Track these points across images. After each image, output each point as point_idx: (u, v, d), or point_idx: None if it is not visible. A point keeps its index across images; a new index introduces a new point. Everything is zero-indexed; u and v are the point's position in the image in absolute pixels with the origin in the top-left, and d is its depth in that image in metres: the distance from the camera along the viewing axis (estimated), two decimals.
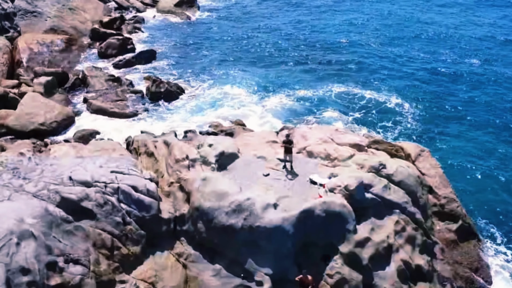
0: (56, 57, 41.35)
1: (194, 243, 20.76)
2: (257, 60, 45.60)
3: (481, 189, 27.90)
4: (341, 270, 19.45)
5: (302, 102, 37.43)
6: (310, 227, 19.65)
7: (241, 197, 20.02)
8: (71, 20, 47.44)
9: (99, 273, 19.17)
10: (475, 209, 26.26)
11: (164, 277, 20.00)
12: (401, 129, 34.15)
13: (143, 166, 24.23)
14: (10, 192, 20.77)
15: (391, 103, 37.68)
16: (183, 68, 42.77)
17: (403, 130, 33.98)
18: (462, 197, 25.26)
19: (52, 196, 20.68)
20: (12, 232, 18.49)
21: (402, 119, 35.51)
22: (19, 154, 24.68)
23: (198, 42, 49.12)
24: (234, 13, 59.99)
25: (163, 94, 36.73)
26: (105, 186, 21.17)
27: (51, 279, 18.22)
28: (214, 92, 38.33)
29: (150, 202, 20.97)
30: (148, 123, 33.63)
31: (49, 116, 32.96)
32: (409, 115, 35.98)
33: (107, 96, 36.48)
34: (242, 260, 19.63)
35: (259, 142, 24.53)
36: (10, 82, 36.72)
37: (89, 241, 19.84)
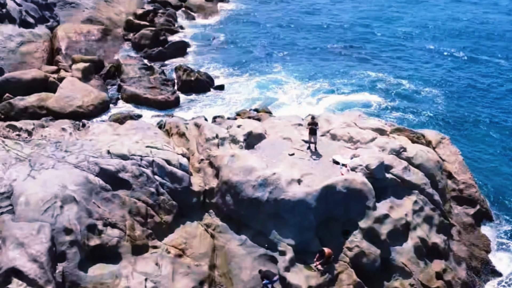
0: (92, 46, 43.55)
1: (222, 215, 22.34)
2: (289, 51, 47.26)
3: (500, 177, 28.70)
4: (360, 244, 20.75)
5: (334, 90, 39.07)
6: (332, 203, 21.01)
7: (267, 172, 21.53)
8: (107, 12, 49.77)
9: (134, 238, 20.85)
10: (493, 196, 27.08)
11: (193, 245, 21.57)
12: (427, 118, 35.57)
13: (175, 144, 25.89)
14: (54, 162, 22.68)
15: (420, 92, 39.38)
16: (213, 59, 44.60)
17: (429, 119, 35.41)
18: (481, 184, 26.19)
19: (91, 167, 22.47)
20: (56, 196, 20.37)
21: (430, 108, 36.97)
22: (61, 130, 26.71)
23: (228, 34, 50.91)
24: (265, 5, 61.58)
25: (193, 83, 38.48)
26: (141, 159, 22.90)
27: (91, 240, 20.01)
28: (244, 82, 39.96)
29: (182, 175, 22.63)
30: (179, 109, 35.36)
31: (86, 100, 34.99)
32: (436, 105, 37.41)
33: (140, 83, 38.32)
34: (267, 231, 21.11)
35: (285, 125, 25.98)
36: (50, 68, 39.00)
37: (125, 208, 21.54)
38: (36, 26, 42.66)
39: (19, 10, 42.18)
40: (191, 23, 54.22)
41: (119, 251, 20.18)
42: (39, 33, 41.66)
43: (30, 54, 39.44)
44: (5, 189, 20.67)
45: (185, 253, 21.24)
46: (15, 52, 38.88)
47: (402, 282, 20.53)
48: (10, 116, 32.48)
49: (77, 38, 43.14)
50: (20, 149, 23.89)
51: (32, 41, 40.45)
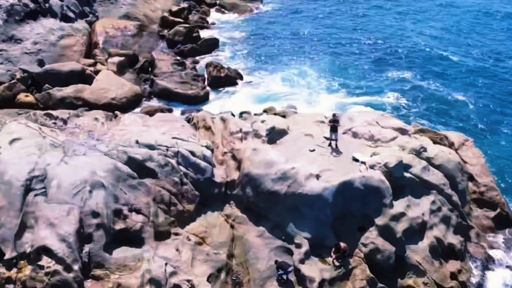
0: (128, 41, 44.92)
1: (242, 207, 23.02)
2: (316, 50, 47.69)
3: None
4: (375, 241, 21.06)
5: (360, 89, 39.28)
6: (349, 199, 21.40)
7: (287, 166, 22.09)
8: (143, 8, 51.22)
9: (157, 224, 21.75)
10: None
11: (213, 234, 22.33)
12: (453, 120, 35.37)
13: (201, 137, 26.70)
14: (85, 149, 23.84)
15: (446, 95, 39.09)
16: (243, 57, 45.44)
17: (454, 121, 35.22)
18: (504, 188, 25.95)
19: (120, 156, 23.50)
20: (86, 181, 21.48)
21: (456, 111, 36.76)
22: (94, 119, 27.93)
23: (259, 33, 51.67)
24: (297, 5, 62.17)
25: (223, 79, 39.37)
26: (167, 149, 23.82)
27: (116, 223, 21.02)
28: (271, 80, 40.65)
29: (205, 166, 23.43)
30: (208, 104, 36.24)
31: (120, 92, 36.24)
32: (463, 108, 37.20)
33: (172, 78, 39.38)
34: (284, 223, 21.68)
35: (308, 122, 26.46)
36: (87, 61, 40.52)
37: (150, 195, 22.47)
38: (76, 20, 44.34)
39: (61, 5, 43.96)
40: (224, 21, 55.20)
41: (142, 235, 21.14)
42: (78, 28, 43.32)
43: (69, 47, 41.06)
44: (39, 172, 21.90)
45: (205, 241, 22.01)
46: (55, 45, 40.56)
47: (415, 280, 20.73)
48: (49, 106, 33.99)
49: (114, 33, 44.60)
50: (55, 136, 25.21)
51: (72, 35, 42.10)
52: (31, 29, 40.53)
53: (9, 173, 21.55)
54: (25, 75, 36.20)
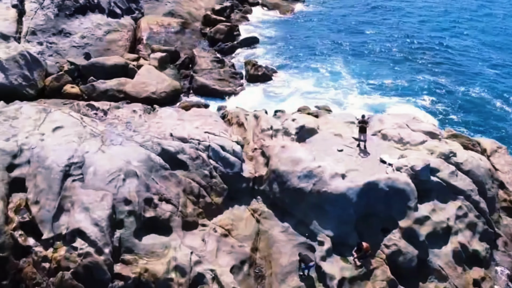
0: (171, 37, 46.00)
1: (268, 202, 23.41)
2: (353, 50, 47.46)
3: None
4: (398, 243, 20.99)
5: (393, 92, 38.93)
6: (373, 199, 21.41)
7: (313, 165, 22.32)
8: (187, 6, 52.25)
9: (185, 214, 22.44)
10: None
11: (239, 227, 22.83)
12: (488, 127, 34.51)
13: (233, 133, 27.23)
14: (122, 139, 24.82)
15: (484, 101, 38.20)
16: (281, 56, 45.75)
17: (490, 129, 34.29)
18: None
19: (154, 147, 24.34)
20: (120, 170, 22.41)
21: (493, 117, 35.63)
22: (133, 112, 28.96)
23: (298, 33, 51.86)
24: (338, 7, 62.02)
25: (260, 77, 39.83)
26: (199, 143, 24.50)
27: (146, 211, 21.82)
28: (308, 79, 40.87)
29: (235, 161, 23.94)
30: (244, 101, 36.71)
31: (160, 87, 37.20)
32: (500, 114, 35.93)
33: (211, 75, 40.15)
34: (308, 221, 21.93)
35: (338, 122, 26.55)
36: (131, 56, 41.78)
37: (180, 187, 23.18)
38: (122, 16, 45.73)
39: (109, 1, 45.45)
40: (265, 20, 55.67)
41: (170, 224, 21.84)
42: (124, 23, 44.69)
43: (115, 42, 42.42)
44: (78, 159, 23.00)
45: (230, 234, 22.52)
46: (102, 40, 42.00)
47: (437, 285, 20.57)
48: (92, 97, 35.31)
49: (158, 30, 45.77)
50: (95, 126, 26.34)
51: (118, 30, 43.47)
52: (79, 24, 42.13)
53: (50, 159, 22.78)
54: (72, 67, 37.66)
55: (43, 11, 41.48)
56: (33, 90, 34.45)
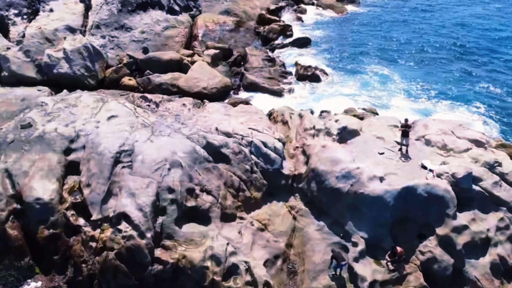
0: (225, 35, 46.83)
1: (305, 200, 23.52)
2: (402, 55, 46.45)
3: None
4: (433, 250, 20.53)
5: (442, 98, 37.77)
6: (411, 204, 21.01)
7: (352, 166, 22.19)
8: (243, 6, 52.94)
9: (224, 206, 22.93)
10: None
11: (276, 222, 23.07)
12: None
13: (277, 130, 27.45)
14: (170, 131, 25.65)
15: None
16: (332, 56, 45.49)
17: None
18: None
19: (200, 140, 24.99)
20: (166, 160, 23.19)
21: None
22: (182, 105, 29.82)
23: (349, 34, 51.39)
24: (390, 10, 60.89)
25: (309, 77, 39.83)
26: (242, 138, 24.92)
27: (188, 201, 22.46)
28: (356, 81, 40.45)
29: (275, 157, 24.20)
30: (291, 100, 36.88)
31: (211, 83, 37.98)
32: None
33: (261, 73, 40.55)
34: (343, 221, 21.85)
35: (382, 125, 26.17)
36: (186, 52, 42.89)
37: (222, 180, 23.69)
38: (181, 13, 46.98)
39: None
40: (318, 20, 55.49)
41: (210, 215, 22.37)
42: (182, 20, 45.92)
43: (172, 38, 43.70)
44: (128, 147, 24.02)
45: (267, 228, 22.82)
46: (160, 35, 43.38)
47: None
48: (147, 90, 36.59)
49: (213, 27, 46.73)
50: (146, 117, 27.38)
51: (175, 26, 44.75)
52: (140, 19, 43.73)
53: (103, 145, 23.94)
54: (131, 61, 39.15)
55: (107, 6, 43.42)
56: (93, 81, 36.13)
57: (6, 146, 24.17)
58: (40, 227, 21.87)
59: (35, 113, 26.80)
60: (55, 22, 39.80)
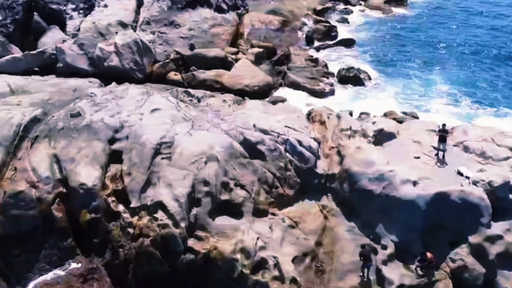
0: (271, 34, 46.95)
1: (337, 200, 23.47)
2: (449, 60, 45.00)
3: None
4: (465, 258, 20.05)
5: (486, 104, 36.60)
6: (443, 210, 20.57)
7: (385, 168, 21.96)
8: (290, 5, 52.86)
9: (257, 202, 23.18)
10: None
11: (307, 221, 23.12)
12: None
13: (313, 130, 27.43)
14: (209, 126, 26.16)
15: None
16: (375, 58, 44.76)
17: None
18: None
19: (237, 136, 25.33)
20: (203, 153, 23.72)
21: None
22: (223, 101, 30.36)
23: (396, 37, 50.32)
24: (442, 13, 58.96)
25: (351, 79, 39.42)
26: (278, 136, 25.11)
27: (222, 194, 22.87)
28: (398, 84, 39.71)
29: (309, 156, 24.25)
30: (331, 100, 36.66)
31: (253, 81, 38.18)
32: None
33: (303, 73, 40.38)
34: (374, 223, 21.68)
35: (419, 129, 25.67)
36: (231, 49, 43.34)
37: (256, 175, 23.94)
38: (228, 12, 47.51)
39: None
40: (364, 22, 54.57)
41: (242, 209, 22.68)
42: (229, 18, 46.46)
43: (218, 35, 44.24)
44: (169, 139, 24.72)
45: (297, 226, 22.90)
46: (206, 33, 44.04)
47: None
48: (192, 85, 37.25)
49: (259, 26, 46.98)
50: (188, 111, 28.05)
51: (222, 24, 45.30)
52: (188, 17, 44.55)
53: (144, 136, 24.75)
54: (177, 56, 39.95)
55: (158, 3, 44.57)
56: (141, 75, 37.17)
57: (56, 133, 25.40)
58: (83, 211, 22.85)
59: (84, 103, 28.03)
60: (109, 17, 41.24)
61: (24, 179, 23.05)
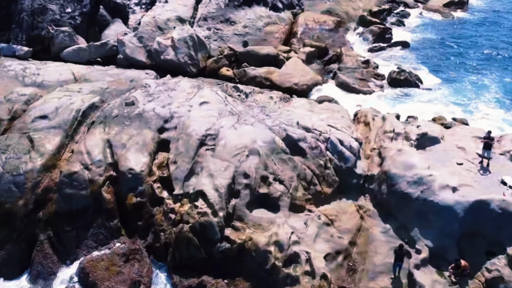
0: (324, 34, 46.67)
1: (375, 202, 23.24)
2: (508, 67, 42.89)
3: None
4: (501, 269, 19.36)
5: None
6: (482, 219, 19.91)
7: (425, 172, 21.50)
8: (346, 6, 52.26)
9: (294, 197, 23.36)
10: None
11: (342, 220, 23.06)
12: None
13: (357, 130, 27.21)
14: (254, 121, 26.59)
15: None
16: (429, 62, 43.40)
17: None
18: None
19: (280, 132, 25.60)
20: (246, 147, 24.17)
21: None
22: (269, 98, 30.70)
23: (452, 41, 48.50)
24: (503, 17, 56.22)
25: (401, 82, 38.52)
26: (320, 134, 25.15)
27: (261, 187, 23.22)
28: (450, 89, 38.36)
29: (349, 156, 24.14)
30: (379, 102, 36.03)
31: (303, 79, 38.22)
32: None
33: (353, 74, 39.95)
34: (410, 226, 21.30)
35: (465, 135, 24.86)
36: (283, 48, 43.56)
37: (295, 171, 24.13)
38: (283, 11, 47.72)
39: None
40: (420, 25, 52.96)
41: (279, 203, 22.92)
42: (283, 17, 46.69)
43: (272, 33, 44.60)
44: (214, 132, 25.38)
45: (333, 224, 22.88)
46: (260, 31, 44.53)
47: None
48: (242, 81, 37.80)
49: (313, 26, 46.81)
50: (235, 106, 28.61)
51: (276, 23, 45.62)
52: (244, 14, 45.22)
53: (191, 128, 25.54)
54: (231, 53, 40.68)
55: (216, 0, 45.53)
56: (195, 69, 38.11)
57: (111, 120, 26.72)
58: (130, 194, 23.84)
59: (139, 93, 29.24)
60: (168, 12, 42.65)
61: (78, 161, 24.43)
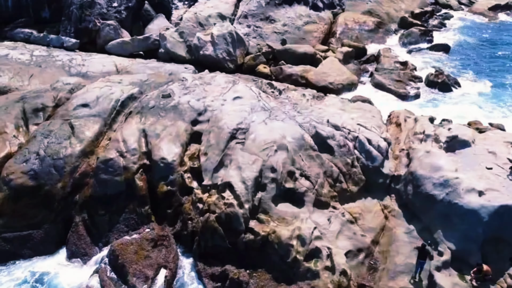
0: (363, 35, 46.32)
1: (400, 202, 23.02)
2: None
3: None
4: None
5: None
6: (508, 224, 19.37)
7: (451, 175, 21.13)
8: (387, 7, 51.54)
9: (319, 194, 23.46)
10: None
11: (366, 218, 22.97)
12: None
13: (387, 131, 26.96)
14: (285, 117, 26.84)
15: None
16: (468, 66, 42.26)
17: None
18: None
19: (310, 129, 25.75)
20: (275, 142, 24.47)
21: None
22: (302, 95, 30.80)
23: (494, 45, 46.89)
24: None
25: (439, 85, 37.72)
26: (348, 132, 25.11)
27: (287, 182, 23.43)
28: (489, 93, 37.31)
29: (377, 155, 23.99)
30: (414, 105, 35.45)
31: (338, 79, 38.11)
32: None
33: (390, 75, 39.44)
34: (433, 228, 20.99)
35: (497, 140, 24.14)
36: (321, 47, 43.49)
37: (322, 168, 24.23)
38: (323, 10, 47.58)
39: None
40: (463, 27, 51.46)
41: (304, 198, 23.05)
42: (323, 17, 46.57)
43: (310, 32, 44.61)
44: (245, 126, 25.80)
45: (356, 222, 22.84)
46: (299, 29, 44.61)
47: None
48: (278, 78, 38.13)
49: (352, 26, 46.49)
50: (267, 102, 28.92)
51: (315, 22, 45.58)
52: (284, 13, 45.45)
53: (223, 121, 26.07)
54: (269, 50, 41.04)
55: None
56: (232, 65, 38.77)
57: (147, 111, 27.63)
58: (161, 183, 24.55)
59: (176, 86, 30.07)
60: (210, 9, 43.53)
61: (115, 149, 25.42)
